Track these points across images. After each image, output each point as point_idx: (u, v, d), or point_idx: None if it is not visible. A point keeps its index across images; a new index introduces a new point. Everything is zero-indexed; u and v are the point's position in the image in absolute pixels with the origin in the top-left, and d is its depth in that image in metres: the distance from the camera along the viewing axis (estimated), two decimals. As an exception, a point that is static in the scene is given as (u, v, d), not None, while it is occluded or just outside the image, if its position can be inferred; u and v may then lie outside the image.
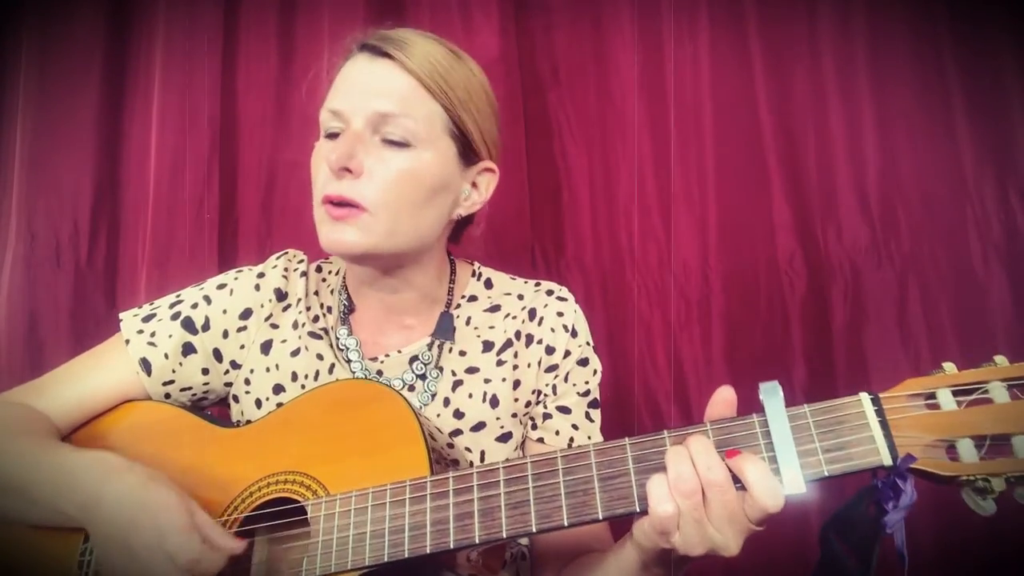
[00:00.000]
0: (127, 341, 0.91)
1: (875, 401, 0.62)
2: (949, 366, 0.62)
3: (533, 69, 1.53)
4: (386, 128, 0.83)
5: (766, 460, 0.61)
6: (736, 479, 0.61)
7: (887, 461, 0.59)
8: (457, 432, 0.90)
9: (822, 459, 0.60)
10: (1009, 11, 1.41)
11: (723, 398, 0.66)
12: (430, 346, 0.93)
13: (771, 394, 0.63)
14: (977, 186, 1.41)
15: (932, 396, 0.61)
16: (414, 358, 0.93)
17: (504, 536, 0.66)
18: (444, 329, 0.94)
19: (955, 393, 0.60)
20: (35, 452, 0.80)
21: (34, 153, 1.46)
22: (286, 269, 0.96)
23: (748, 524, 0.61)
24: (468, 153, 0.89)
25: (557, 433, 0.93)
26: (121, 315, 0.94)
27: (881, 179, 1.44)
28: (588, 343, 0.97)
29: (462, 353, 0.94)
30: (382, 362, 0.93)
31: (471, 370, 0.93)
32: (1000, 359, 0.61)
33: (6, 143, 1.51)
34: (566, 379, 0.94)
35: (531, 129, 1.51)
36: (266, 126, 1.51)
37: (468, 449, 0.89)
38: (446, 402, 0.91)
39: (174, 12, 1.49)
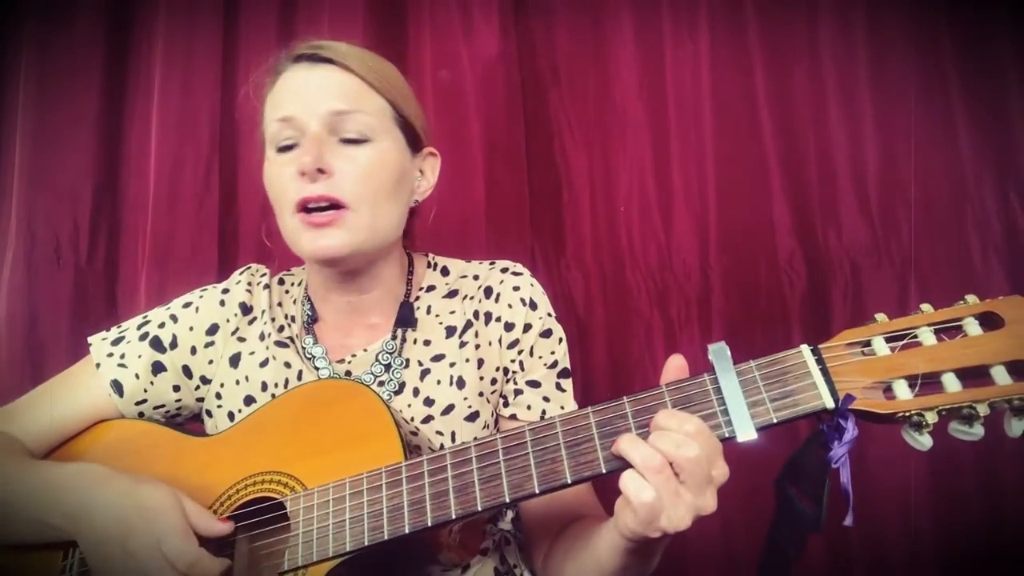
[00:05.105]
0: (97, 365, 0.92)
1: (815, 351, 0.66)
2: (881, 316, 0.66)
3: (533, 69, 1.53)
4: (343, 127, 0.86)
5: (717, 413, 0.65)
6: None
7: (829, 404, 0.63)
8: (428, 419, 0.90)
9: (770, 407, 0.64)
10: (1009, 11, 1.41)
11: (676, 365, 0.69)
12: (394, 336, 0.94)
13: (719, 354, 0.67)
14: (977, 186, 1.41)
15: (868, 344, 0.65)
16: (379, 352, 0.94)
17: (479, 509, 0.68)
18: (405, 317, 0.95)
19: (888, 340, 0.65)
20: (15, 469, 0.81)
21: (34, 153, 1.46)
22: (249, 283, 0.98)
23: (709, 471, 0.62)
24: (415, 141, 0.94)
25: (529, 408, 0.93)
26: (90, 339, 0.95)
27: (881, 179, 1.44)
28: (550, 314, 0.97)
29: (427, 342, 0.95)
30: (349, 363, 0.94)
31: (437, 358, 0.94)
32: (926, 307, 0.65)
33: (6, 143, 1.51)
34: (531, 353, 0.95)
35: (531, 129, 1.51)
36: (266, 126, 1.51)
37: (439, 432, 0.90)
38: (415, 392, 0.91)
39: (174, 12, 1.49)
